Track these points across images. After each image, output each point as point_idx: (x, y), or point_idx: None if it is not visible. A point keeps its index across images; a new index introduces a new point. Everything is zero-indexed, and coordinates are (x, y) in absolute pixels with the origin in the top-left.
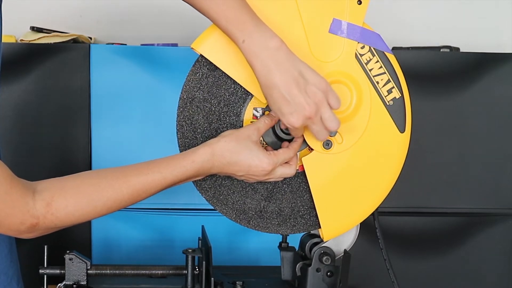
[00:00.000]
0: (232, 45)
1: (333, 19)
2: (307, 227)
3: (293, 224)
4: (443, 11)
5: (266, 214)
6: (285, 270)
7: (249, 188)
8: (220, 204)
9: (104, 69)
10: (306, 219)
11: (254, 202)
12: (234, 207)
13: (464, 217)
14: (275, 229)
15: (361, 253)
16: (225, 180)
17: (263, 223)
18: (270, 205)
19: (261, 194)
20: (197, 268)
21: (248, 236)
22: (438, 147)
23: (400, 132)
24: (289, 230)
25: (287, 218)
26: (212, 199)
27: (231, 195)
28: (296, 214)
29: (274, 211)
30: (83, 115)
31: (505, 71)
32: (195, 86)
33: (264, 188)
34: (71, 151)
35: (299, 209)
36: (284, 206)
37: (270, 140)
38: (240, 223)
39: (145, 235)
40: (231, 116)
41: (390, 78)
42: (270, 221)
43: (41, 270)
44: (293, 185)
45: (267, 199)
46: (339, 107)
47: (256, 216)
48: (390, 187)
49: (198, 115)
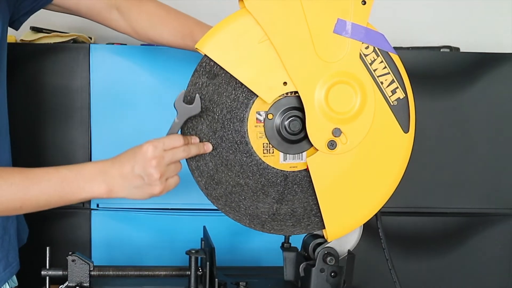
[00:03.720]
0: (236, 46)
1: (338, 19)
2: (321, 225)
3: (307, 224)
4: (443, 11)
5: (280, 217)
6: (287, 271)
7: (260, 192)
8: (233, 212)
9: (104, 69)
10: (320, 217)
11: (267, 205)
12: (247, 212)
13: (464, 217)
14: (290, 230)
15: (361, 253)
16: (235, 187)
17: (278, 225)
18: (283, 207)
19: (272, 197)
20: (200, 269)
21: (250, 236)
22: (438, 147)
23: (404, 132)
24: (303, 229)
25: (300, 218)
26: (225, 207)
27: (243, 201)
28: (309, 213)
29: (287, 212)
30: (83, 115)
31: (505, 71)
32: None
33: (275, 191)
34: (71, 151)
35: (311, 208)
36: (296, 206)
37: (276, 142)
38: (255, 228)
39: (145, 235)
40: (235, 122)
41: (394, 79)
42: (284, 223)
43: (43, 271)
44: (303, 185)
45: (279, 201)
46: None
47: (270, 220)
48: (394, 187)
49: (202, 125)
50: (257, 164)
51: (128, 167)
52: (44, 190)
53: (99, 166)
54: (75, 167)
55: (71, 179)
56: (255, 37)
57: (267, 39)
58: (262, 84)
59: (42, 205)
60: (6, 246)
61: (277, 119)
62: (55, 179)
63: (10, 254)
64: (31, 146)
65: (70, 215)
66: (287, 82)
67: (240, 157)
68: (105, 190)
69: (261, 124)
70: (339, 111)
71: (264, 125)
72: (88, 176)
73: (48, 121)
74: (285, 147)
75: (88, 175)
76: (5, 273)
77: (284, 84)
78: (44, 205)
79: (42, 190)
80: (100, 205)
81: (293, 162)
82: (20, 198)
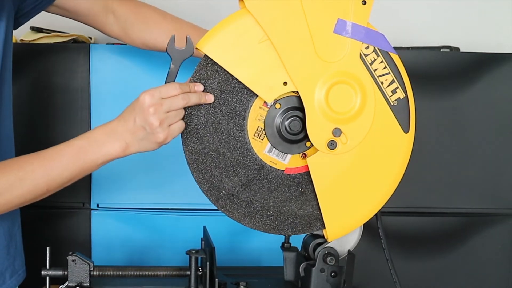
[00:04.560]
0: (237, 46)
1: (338, 19)
2: (270, 228)
3: (257, 220)
4: (443, 11)
5: (236, 200)
6: (288, 271)
7: (231, 168)
8: (198, 172)
9: (104, 69)
10: (272, 220)
11: (231, 184)
12: (210, 180)
13: (464, 217)
14: (238, 218)
15: (361, 253)
16: (212, 152)
17: (230, 207)
18: (244, 193)
19: (240, 179)
20: (200, 269)
21: (250, 236)
22: (438, 147)
23: (405, 132)
24: (251, 224)
25: (255, 211)
26: (193, 164)
27: (212, 168)
28: (265, 212)
29: (245, 200)
30: (83, 115)
31: (505, 71)
32: None
33: (245, 175)
34: None
35: (269, 207)
36: (256, 199)
37: (270, 131)
38: (210, 198)
39: (145, 235)
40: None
41: (395, 78)
42: (237, 209)
43: (44, 271)
44: (272, 183)
45: (244, 186)
46: None
47: (226, 198)
48: (395, 187)
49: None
50: (243, 142)
51: (131, 121)
52: (64, 166)
53: (108, 128)
54: (85, 136)
55: (86, 147)
56: (255, 37)
57: (267, 39)
58: (262, 84)
59: (66, 181)
60: (13, 253)
61: (278, 118)
62: (70, 152)
63: (17, 262)
64: (31, 146)
65: (70, 215)
66: (287, 82)
67: (232, 126)
68: (120, 148)
69: (266, 109)
70: (339, 111)
71: (268, 111)
72: (101, 139)
73: (48, 121)
74: (276, 141)
75: (100, 139)
76: (12, 281)
77: (284, 84)
78: (69, 180)
79: (63, 167)
80: (100, 205)
81: (275, 159)
82: (45, 182)
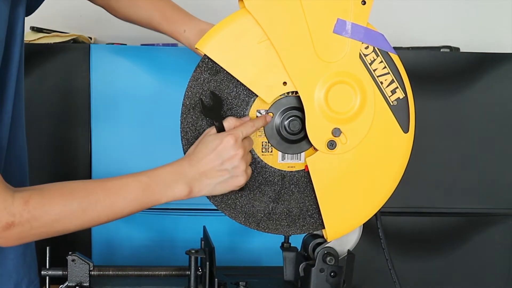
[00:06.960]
0: (236, 46)
1: (338, 19)
2: (316, 226)
3: (302, 224)
4: (443, 11)
5: (275, 216)
6: (287, 271)
7: (257, 191)
8: (228, 209)
9: (104, 69)
10: (315, 218)
11: (263, 204)
12: (242, 210)
13: (464, 217)
14: (285, 230)
15: (361, 253)
16: None
17: (273, 225)
18: (279, 207)
19: (269, 196)
20: (200, 269)
21: (250, 236)
22: (438, 147)
23: (404, 133)
24: (298, 230)
25: (296, 218)
26: (221, 204)
27: (239, 198)
28: (305, 214)
29: (283, 212)
30: (83, 116)
31: (505, 71)
32: (197, 92)
33: (272, 190)
34: (71, 151)
35: (307, 208)
36: (292, 206)
37: (275, 141)
38: (250, 226)
39: (145, 235)
40: None
41: (394, 79)
42: (280, 223)
43: (43, 271)
44: (300, 185)
45: (275, 200)
46: None
47: (265, 219)
48: (394, 187)
49: (202, 121)
50: (255, 163)
51: (209, 164)
52: (128, 202)
53: (177, 168)
54: (153, 173)
55: (153, 186)
56: (255, 37)
57: (267, 39)
58: (262, 84)
59: (125, 215)
60: (29, 261)
61: (277, 119)
62: (137, 189)
63: (32, 271)
64: (31, 146)
65: None
66: (286, 82)
67: None
68: (186, 191)
69: None
70: (339, 111)
71: None
72: (169, 180)
73: (48, 121)
74: (284, 146)
75: (169, 179)
76: None
77: (284, 84)
78: (127, 215)
79: (127, 203)
80: None
81: (291, 162)
82: (106, 215)
